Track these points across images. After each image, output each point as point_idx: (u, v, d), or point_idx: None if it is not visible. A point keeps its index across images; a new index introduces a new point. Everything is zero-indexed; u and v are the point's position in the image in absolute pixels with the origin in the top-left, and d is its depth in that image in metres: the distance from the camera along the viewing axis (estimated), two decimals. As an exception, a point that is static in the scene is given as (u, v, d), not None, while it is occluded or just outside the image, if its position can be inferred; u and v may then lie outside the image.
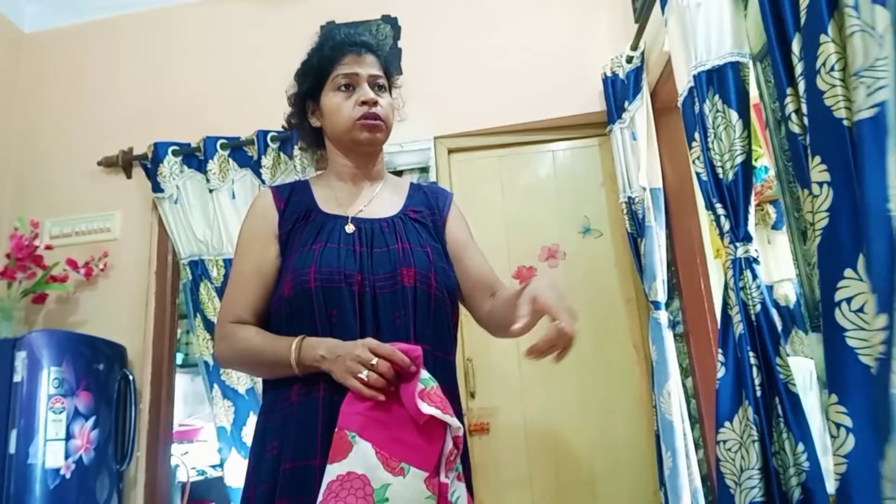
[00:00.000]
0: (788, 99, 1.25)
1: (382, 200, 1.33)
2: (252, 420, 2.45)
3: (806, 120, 1.17)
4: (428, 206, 1.37)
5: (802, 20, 1.16)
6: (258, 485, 1.13)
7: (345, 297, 1.15)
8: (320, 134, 1.38)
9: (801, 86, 1.17)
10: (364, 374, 1.05)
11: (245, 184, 2.65)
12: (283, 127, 1.46)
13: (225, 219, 2.59)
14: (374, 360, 1.05)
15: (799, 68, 1.18)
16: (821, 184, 1.09)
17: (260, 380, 1.52)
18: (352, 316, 1.15)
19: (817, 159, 1.10)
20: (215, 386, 2.50)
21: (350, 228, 1.24)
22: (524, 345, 2.58)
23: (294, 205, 1.29)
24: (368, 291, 1.17)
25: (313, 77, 1.33)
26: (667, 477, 2.11)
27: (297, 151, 2.57)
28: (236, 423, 2.46)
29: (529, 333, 1.12)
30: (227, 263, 2.55)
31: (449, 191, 1.48)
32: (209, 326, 2.55)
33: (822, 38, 1.09)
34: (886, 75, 0.96)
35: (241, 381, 2.50)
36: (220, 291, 2.55)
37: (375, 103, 1.29)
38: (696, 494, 2.08)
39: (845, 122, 1.05)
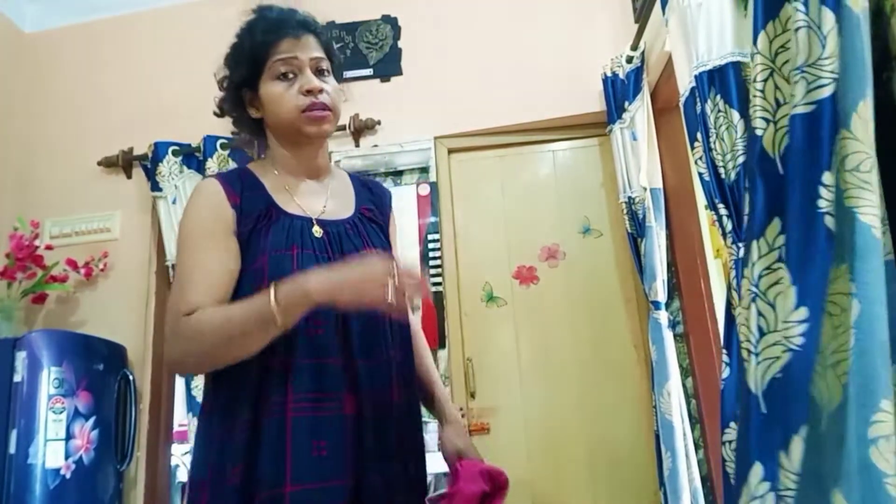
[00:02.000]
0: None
1: (337, 199, 1.24)
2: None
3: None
4: (375, 203, 1.30)
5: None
6: None
7: (328, 307, 1.01)
8: (260, 124, 1.24)
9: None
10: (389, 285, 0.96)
11: (245, 183, 2.64)
12: (214, 113, 1.31)
13: None
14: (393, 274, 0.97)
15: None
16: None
17: None
18: (333, 323, 1.08)
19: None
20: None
21: (318, 232, 1.14)
22: (524, 344, 2.58)
23: (249, 201, 1.14)
24: None
25: (248, 64, 1.19)
26: (666, 477, 2.11)
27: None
28: None
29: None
30: None
31: (387, 189, 1.38)
32: None
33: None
34: (830, 74, 0.98)
35: None
36: None
37: (321, 91, 1.16)
38: (696, 494, 2.08)
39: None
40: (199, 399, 2.40)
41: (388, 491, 1.06)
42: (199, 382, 2.44)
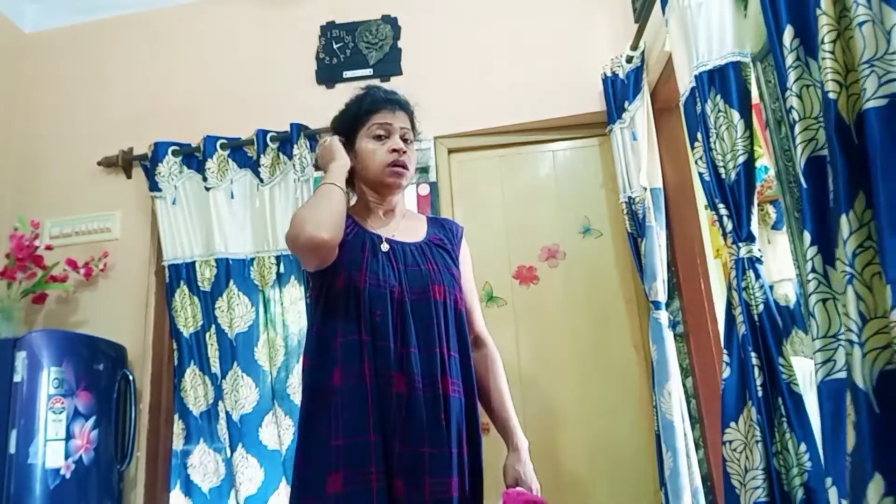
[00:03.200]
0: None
1: (408, 228, 1.56)
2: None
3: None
4: (445, 235, 1.59)
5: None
6: (308, 465, 1.31)
7: (386, 302, 1.37)
8: (352, 170, 1.55)
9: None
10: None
11: (244, 184, 2.65)
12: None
13: (220, 217, 2.58)
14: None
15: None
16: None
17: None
18: (390, 319, 1.36)
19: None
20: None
21: (385, 247, 1.46)
22: (524, 344, 2.59)
23: (348, 221, 1.50)
24: (407, 301, 1.39)
25: (350, 124, 1.56)
26: (667, 477, 2.11)
27: (295, 150, 2.57)
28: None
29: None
30: (220, 263, 2.53)
31: (460, 224, 1.69)
32: (176, 334, 2.52)
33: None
34: None
35: (198, 402, 2.47)
36: (203, 296, 2.52)
37: (404, 152, 1.51)
38: (697, 494, 2.08)
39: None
40: (187, 402, 2.47)
41: (424, 465, 1.28)
42: (185, 385, 2.46)
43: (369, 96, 1.57)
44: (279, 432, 2.42)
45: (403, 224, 1.58)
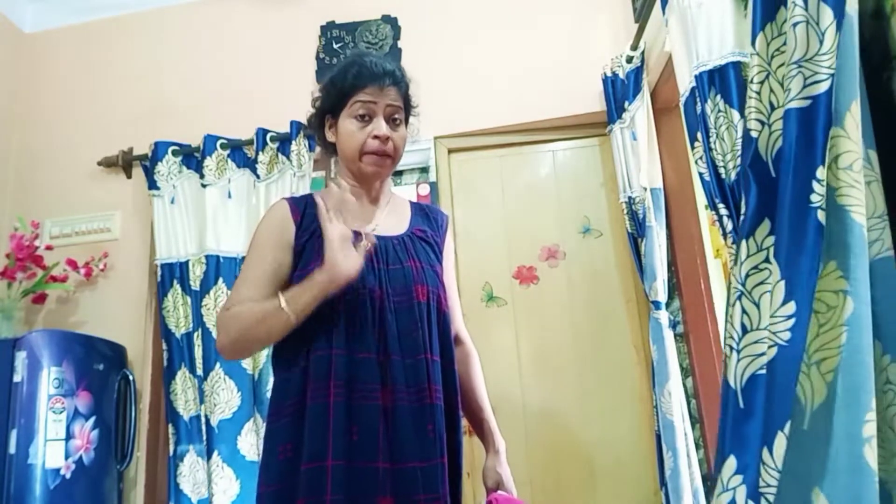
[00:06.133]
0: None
1: (390, 219, 1.42)
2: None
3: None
4: (430, 226, 1.47)
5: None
6: (269, 484, 1.21)
7: (367, 309, 1.25)
8: (335, 146, 1.43)
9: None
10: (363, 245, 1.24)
11: (242, 183, 2.64)
12: (303, 123, 1.51)
13: (215, 215, 2.57)
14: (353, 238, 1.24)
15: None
16: None
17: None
18: (370, 326, 1.25)
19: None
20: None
21: (365, 245, 1.29)
22: (524, 344, 2.59)
23: (310, 217, 1.34)
24: (388, 306, 1.28)
25: (335, 97, 1.38)
26: (668, 477, 2.11)
27: (293, 147, 2.56)
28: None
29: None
30: (209, 260, 2.50)
31: (445, 212, 1.58)
32: (167, 335, 2.49)
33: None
34: (827, 70, 0.98)
35: (188, 407, 2.41)
36: (194, 295, 2.50)
37: (388, 140, 1.34)
38: (697, 494, 2.08)
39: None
40: (177, 406, 2.41)
41: (418, 482, 1.19)
42: (175, 388, 2.43)
43: (354, 68, 1.36)
44: (258, 442, 2.33)
45: (387, 213, 1.43)
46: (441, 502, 1.21)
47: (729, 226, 1.55)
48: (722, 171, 1.56)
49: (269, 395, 2.30)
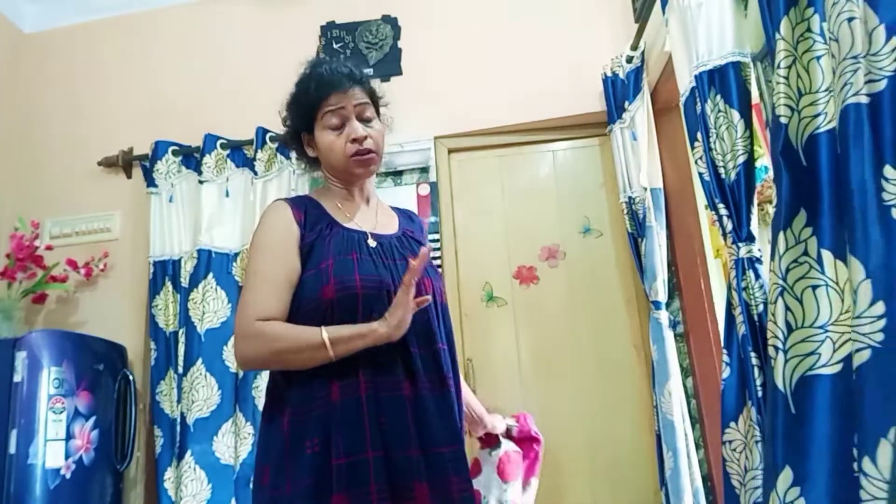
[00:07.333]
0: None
1: (384, 220, 1.48)
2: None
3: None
4: (414, 227, 1.53)
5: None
6: (298, 480, 1.20)
7: (384, 303, 1.27)
8: (318, 159, 1.46)
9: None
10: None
11: (240, 181, 2.64)
12: (279, 141, 1.50)
13: (211, 211, 2.56)
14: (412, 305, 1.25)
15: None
16: None
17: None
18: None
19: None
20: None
21: (373, 243, 1.36)
22: (524, 344, 2.58)
23: (313, 217, 1.38)
24: None
25: (304, 114, 1.42)
26: (668, 477, 2.11)
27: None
28: None
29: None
30: (201, 254, 2.49)
31: (418, 216, 1.66)
32: (155, 334, 2.48)
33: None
34: (891, 67, 0.95)
35: (173, 409, 2.38)
36: (183, 292, 2.48)
37: (365, 138, 1.38)
38: (698, 494, 2.08)
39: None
40: (164, 407, 2.40)
41: (447, 466, 1.24)
42: (163, 388, 2.43)
43: (313, 81, 1.39)
44: (236, 443, 2.29)
45: (379, 214, 1.48)
46: (469, 485, 1.26)
47: (728, 226, 1.55)
48: (722, 171, 1.56)
49: (254, 393, 2.30)
